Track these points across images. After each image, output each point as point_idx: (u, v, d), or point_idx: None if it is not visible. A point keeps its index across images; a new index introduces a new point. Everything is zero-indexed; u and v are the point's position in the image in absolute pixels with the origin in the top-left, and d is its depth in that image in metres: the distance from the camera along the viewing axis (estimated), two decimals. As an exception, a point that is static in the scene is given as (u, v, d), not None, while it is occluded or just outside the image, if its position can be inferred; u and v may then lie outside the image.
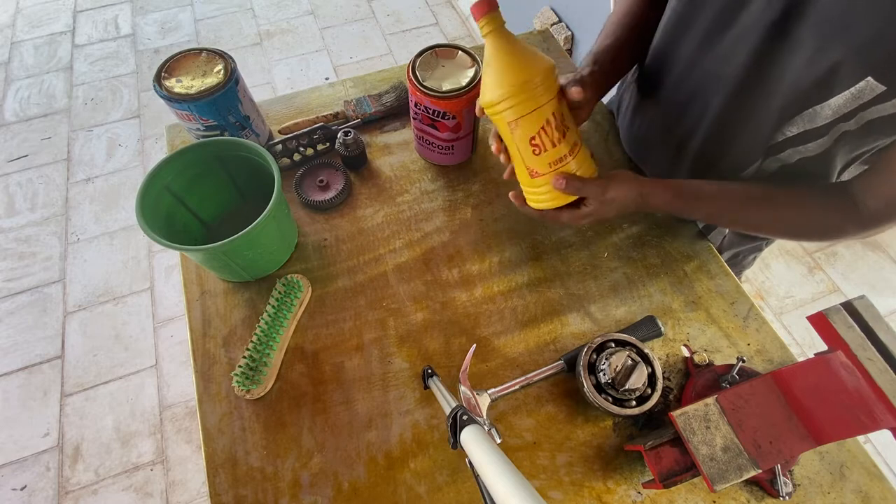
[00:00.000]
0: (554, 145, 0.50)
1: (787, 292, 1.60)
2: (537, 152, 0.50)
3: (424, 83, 0.63)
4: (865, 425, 0.43)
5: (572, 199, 0.53)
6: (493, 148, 0.57)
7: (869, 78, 0.41)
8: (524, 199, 0.58)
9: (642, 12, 0.62)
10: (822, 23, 0.43)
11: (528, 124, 0.49)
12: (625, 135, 0.76)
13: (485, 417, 0.52)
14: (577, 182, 0.52)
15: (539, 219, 0.59)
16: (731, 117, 0.56)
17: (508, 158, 0.56)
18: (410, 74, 0.64)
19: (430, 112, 0.65)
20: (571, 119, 0.51)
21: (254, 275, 0.64)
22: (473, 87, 0.63)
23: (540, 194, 0.54)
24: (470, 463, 0.38)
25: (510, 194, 0.59)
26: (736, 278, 0.67)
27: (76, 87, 2.10)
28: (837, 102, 0.45)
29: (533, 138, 0.49)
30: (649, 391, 0.54)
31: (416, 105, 0.66)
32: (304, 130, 0.74)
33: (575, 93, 0.49)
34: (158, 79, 0.63)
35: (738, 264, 0.82)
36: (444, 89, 0.63)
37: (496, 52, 0.47)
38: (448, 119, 0.65)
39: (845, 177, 0.58)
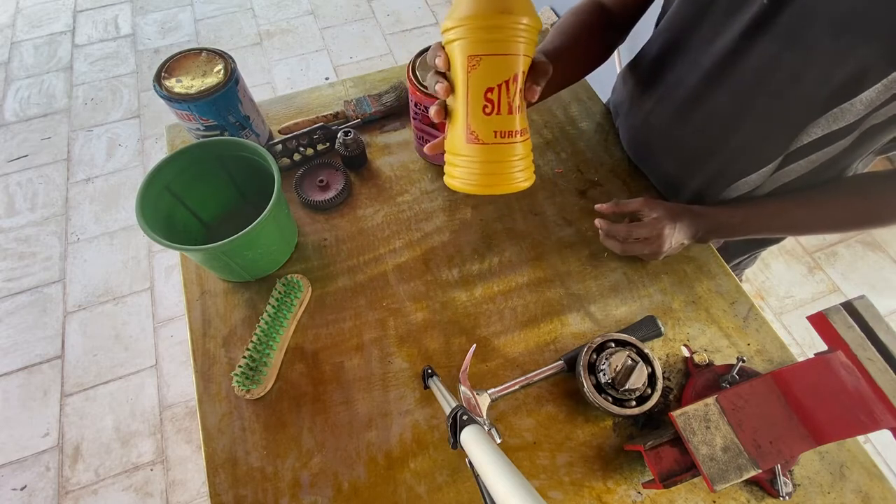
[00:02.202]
0: (510, 112, 0.40)
1: (787, 292, 1.60)
2: (489, 110, 0.40)
3: (425, 83, 0.63)
4: (865, 425, 0.43)
5: (491, 190, 0.43)
6: (433, 112, 0.43)
7: None
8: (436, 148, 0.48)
9: (590, 25, 0.62)
10: (836, 21, 0.42)
11: (492, 68, 0.39)
12: (625, 136, 0.76)
13: (485, 417, 0.52)
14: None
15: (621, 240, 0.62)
16: (739, 121, 0.55)
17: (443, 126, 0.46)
18: (410, 74, 0.64)
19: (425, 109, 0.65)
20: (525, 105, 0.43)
21: (254, 275, 0.64)
22: None
23: (461, 167, 0.43)
24: (470, 463, 0.38)
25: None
26: (736, 278, 0.66)
27: (76, 87, 2.10)
28: (869, 96, 0.45)
29: (490, 90, 0.40)
30: (649, 391, 0.54)
31: (416, 105, 0.66)
32: (304, 130, 0.74)
33: (543, 65, 0.41)
34: (158, 79, 0.63)
35: (739, 265, 0.82)
36: None
37: None
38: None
39: (860, 170, 0.59)
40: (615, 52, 1.38)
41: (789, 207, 0.59)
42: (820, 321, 0.47)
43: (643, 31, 0.68)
